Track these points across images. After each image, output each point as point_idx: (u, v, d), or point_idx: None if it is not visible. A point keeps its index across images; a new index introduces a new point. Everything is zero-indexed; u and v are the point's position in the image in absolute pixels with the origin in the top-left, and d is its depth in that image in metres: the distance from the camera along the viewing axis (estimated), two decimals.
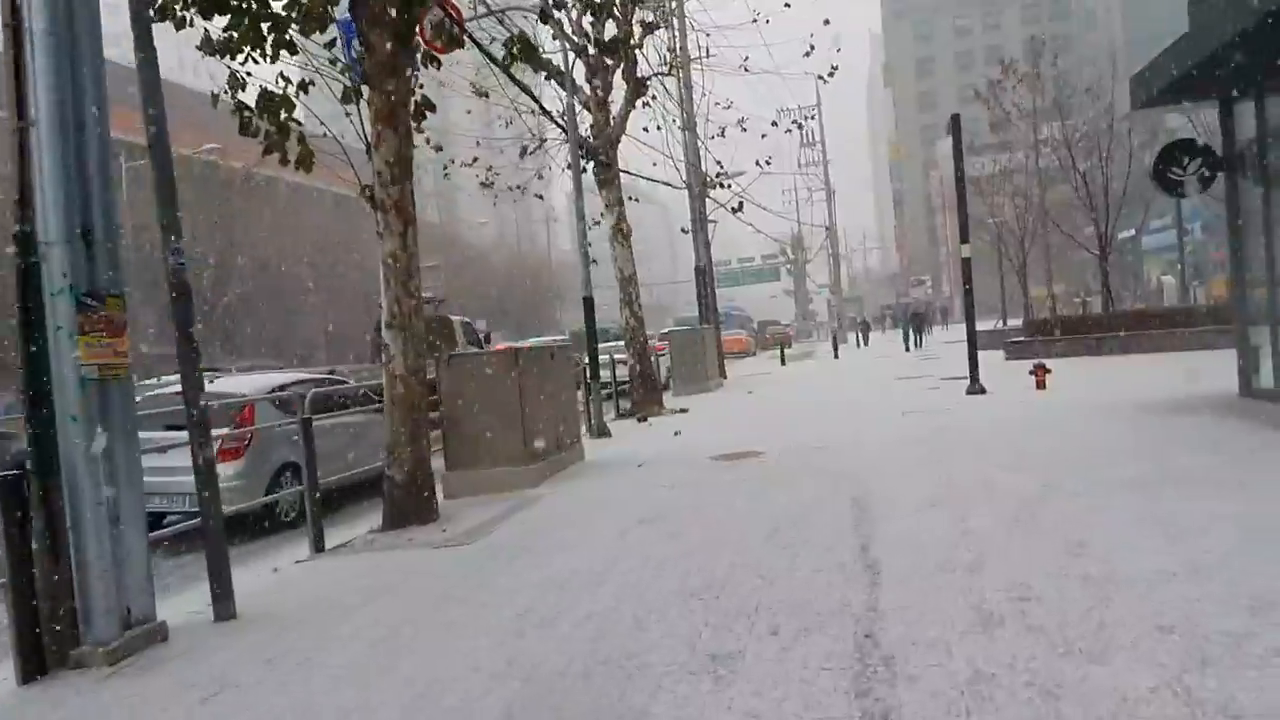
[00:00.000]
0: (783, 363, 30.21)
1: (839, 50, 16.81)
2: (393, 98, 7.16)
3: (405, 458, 7.06)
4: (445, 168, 17.43)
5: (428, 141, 10.38)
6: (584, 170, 16.45)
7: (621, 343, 28.31)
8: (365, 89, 7.23)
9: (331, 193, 43.42)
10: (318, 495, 6.65)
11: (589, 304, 13.46)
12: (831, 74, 16.74)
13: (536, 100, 14.96)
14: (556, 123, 15.64)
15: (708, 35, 39.80)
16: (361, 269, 44.77)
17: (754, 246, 75.92)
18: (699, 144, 27.01)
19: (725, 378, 25.18)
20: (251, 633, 4.55)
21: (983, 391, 13.41)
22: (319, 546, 6.51)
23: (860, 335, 38.55)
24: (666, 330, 23.13)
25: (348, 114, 7.47)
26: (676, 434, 12.22)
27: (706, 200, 27.04)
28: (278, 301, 40.63)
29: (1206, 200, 21.07)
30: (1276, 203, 8.87)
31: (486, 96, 16.14)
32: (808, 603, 4.13)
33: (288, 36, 7.04)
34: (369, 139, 7.26)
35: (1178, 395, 10.61)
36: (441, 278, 45.32)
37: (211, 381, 8.21)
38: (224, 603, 4.83)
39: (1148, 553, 4.44)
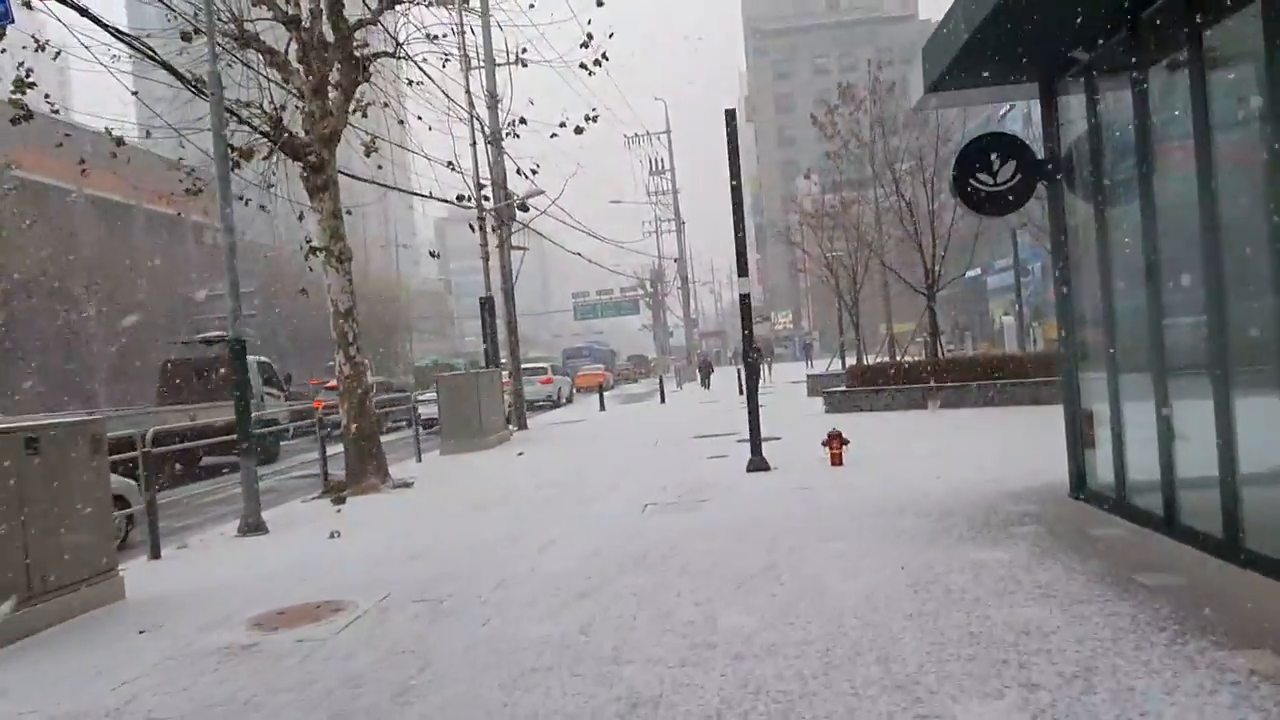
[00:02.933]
0: (601, 407, 27.05)
1: (610, 36, 13.77)
2: None
3: None
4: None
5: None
6: (303, 175, 12.86)
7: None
8: None
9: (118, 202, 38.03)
10: None
11: (238, 351, 9.72)
12: (598, 64, 13.72)
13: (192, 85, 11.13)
14: (235, 113, 11.90)
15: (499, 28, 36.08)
16: (162, 292, 39.40)
17: (613, 278, 73.47)
18: (500, 156, 23.80)
19: (524, 427, 21.79)
20: None
21: (766, 468, 10.42)
22: None
23: (702, 375, 35.86)
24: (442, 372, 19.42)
25: None
26: (334, 535, 8.67)
27: (495, 219, 23.80)
28: (44, 330, 34.48)
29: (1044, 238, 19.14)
30: (1118, 223, 6.15)
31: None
32: None
33: None
34: None
35: (992, 488, 7.78)
36: (254, 304, 40.35)
37: None
38: None
39: None
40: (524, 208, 25.01)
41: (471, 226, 14.73)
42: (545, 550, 6.92)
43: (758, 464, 10.42)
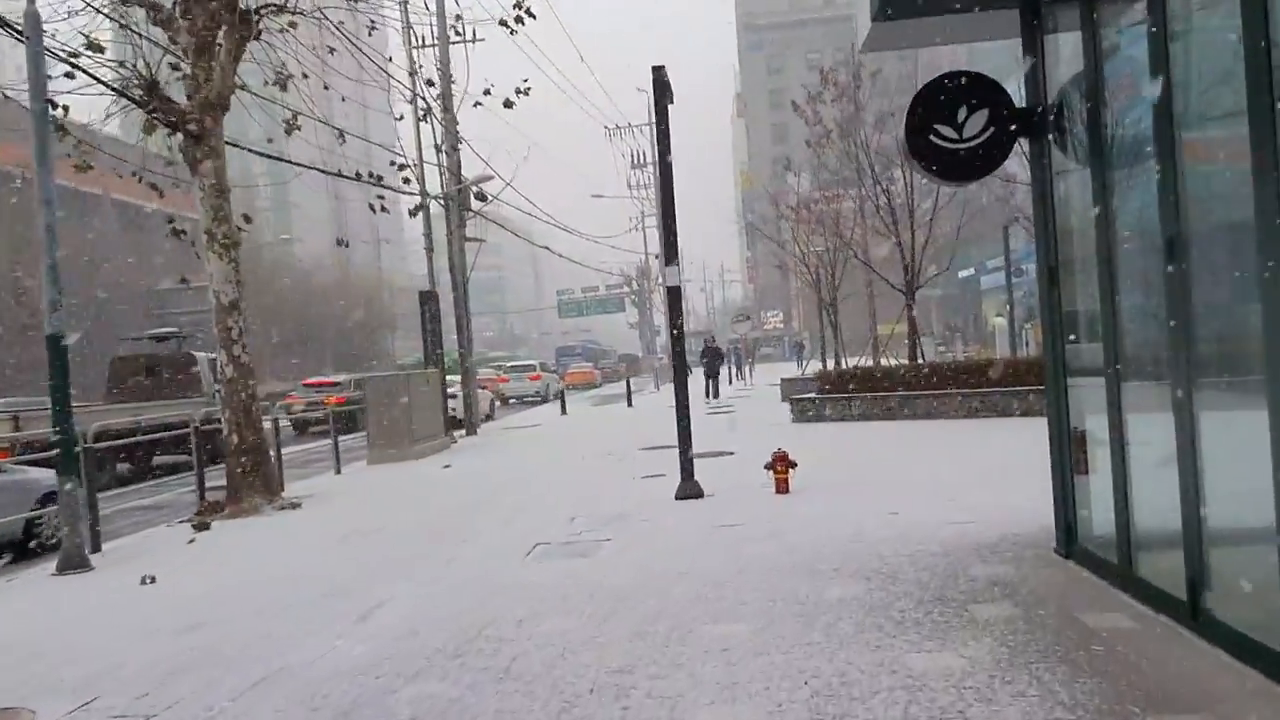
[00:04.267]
0: (563, 411, 25.36)
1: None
2: None
3: None
4: None
5: None
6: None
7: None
8: None
9: None
10: None
11: (57, 350, 8.00)
12: (519, 21, 12.03)
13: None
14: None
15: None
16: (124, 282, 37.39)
17: (599, 275, 71.56)
18: (456, 144, 22.01)
19: (474, 433, 20.09)
20: None
21: (698, 495, 8.74)
22: None
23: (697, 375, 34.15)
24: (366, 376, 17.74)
25: None
26: (145, 581, 6.99)
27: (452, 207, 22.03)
28: None
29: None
30: (1126, 189, 4.50)
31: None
32: None
33: None
34: None
35: (959, 534, 6.11)
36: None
37: None
38: None
39: None
40: (481, 196, 23.36)
41: (373, 207, 13.01)
42: (366, 618, 5.25)
43: (689, 490, 8.75)
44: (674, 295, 8.68)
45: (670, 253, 8.60)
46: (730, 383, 36.69)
